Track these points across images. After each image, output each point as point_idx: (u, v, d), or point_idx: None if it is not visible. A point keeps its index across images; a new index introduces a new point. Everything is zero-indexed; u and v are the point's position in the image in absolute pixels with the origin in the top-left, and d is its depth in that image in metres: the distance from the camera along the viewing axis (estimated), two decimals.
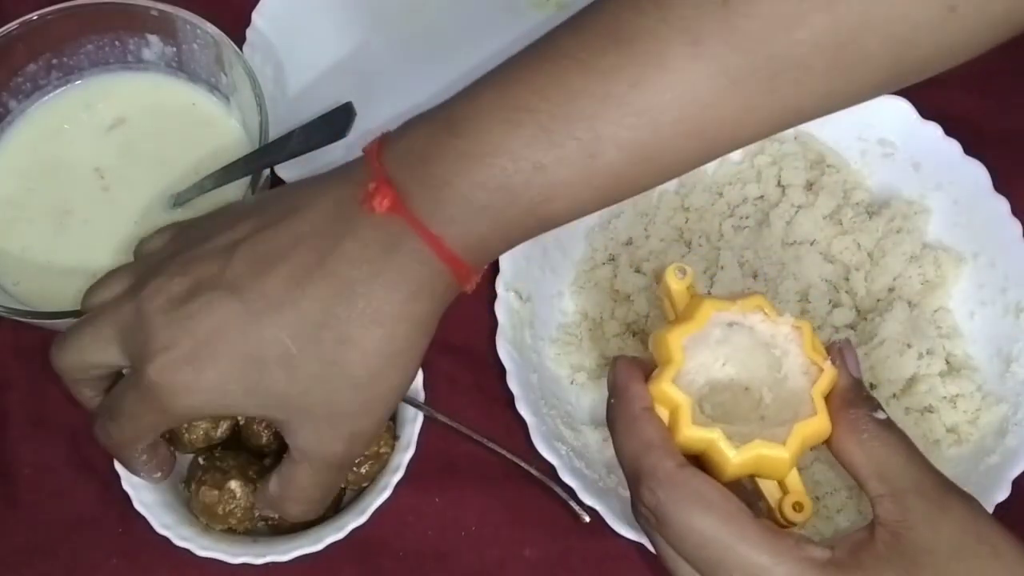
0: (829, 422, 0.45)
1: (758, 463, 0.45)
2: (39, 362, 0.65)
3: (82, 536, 0.60)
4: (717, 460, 0.45)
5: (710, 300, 0.46)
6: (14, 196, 0.65)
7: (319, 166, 0.67)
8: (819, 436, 0.45)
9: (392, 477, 0.56)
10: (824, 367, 0.45)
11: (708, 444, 0.45)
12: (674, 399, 0.45)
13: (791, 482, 0.45)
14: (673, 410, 0.45)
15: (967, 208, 0.62)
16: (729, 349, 0.46)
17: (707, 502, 0.42)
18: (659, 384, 0.45)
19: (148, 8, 0.65)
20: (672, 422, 0.45)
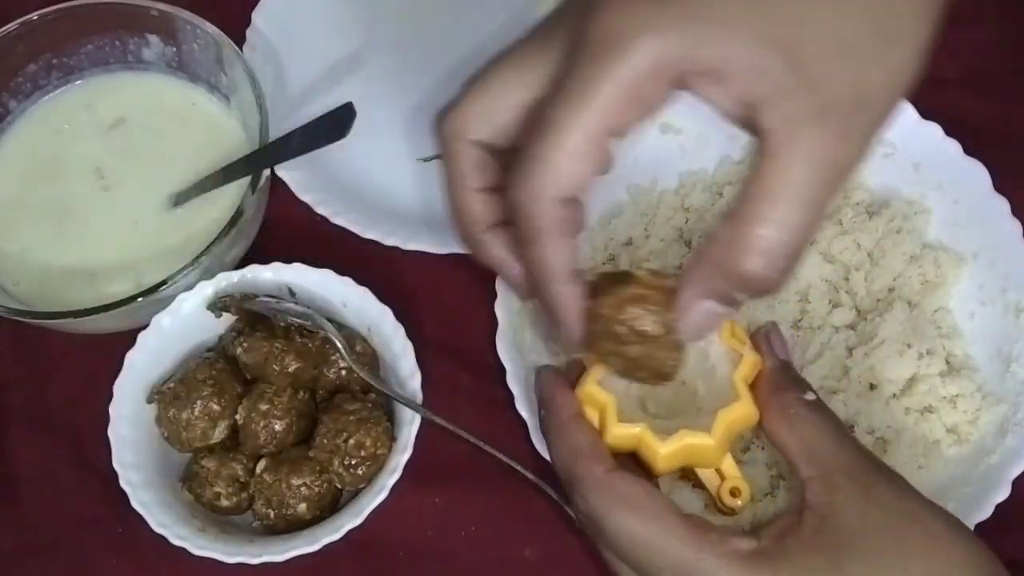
0: (753, 406, 0.46)
1: (689, 453, 0.46)
2: (39, 362, 0.65)
3: (82, 536, 0.60)
4: (648, 455, 0.46)
5: None
6: (14, 196, 0.65)
7: (319, 166, 0.67)
8: (745, 420, 0.46)
9: (389, 478, 0.56)
10: (744, 352, 0.46)
11: (636, 439, 0.46)
12: (599, 399, 0.46)
13: (726, 468, 0.47)
14: (601, 410, 0.47)
15: (967, 208, 0.62)
16: None
17: (634, 504, 0.43)
18: (584, 386, 0.47)
19: (148, 8, 0.65)
20: (601, 422, 0.47)
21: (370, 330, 0.60)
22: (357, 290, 0.60)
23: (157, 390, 0.59)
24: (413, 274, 0.66)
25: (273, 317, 0.59)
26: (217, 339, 0.61)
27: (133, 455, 0.57)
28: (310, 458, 0.57)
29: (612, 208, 0.65)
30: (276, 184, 0.66)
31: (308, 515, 0.57)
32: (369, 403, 0.58)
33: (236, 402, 0.58)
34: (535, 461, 0.57)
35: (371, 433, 0.57)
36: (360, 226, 0.66)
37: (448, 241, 0.65)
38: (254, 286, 0.60)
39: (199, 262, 0.58)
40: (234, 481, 0.58)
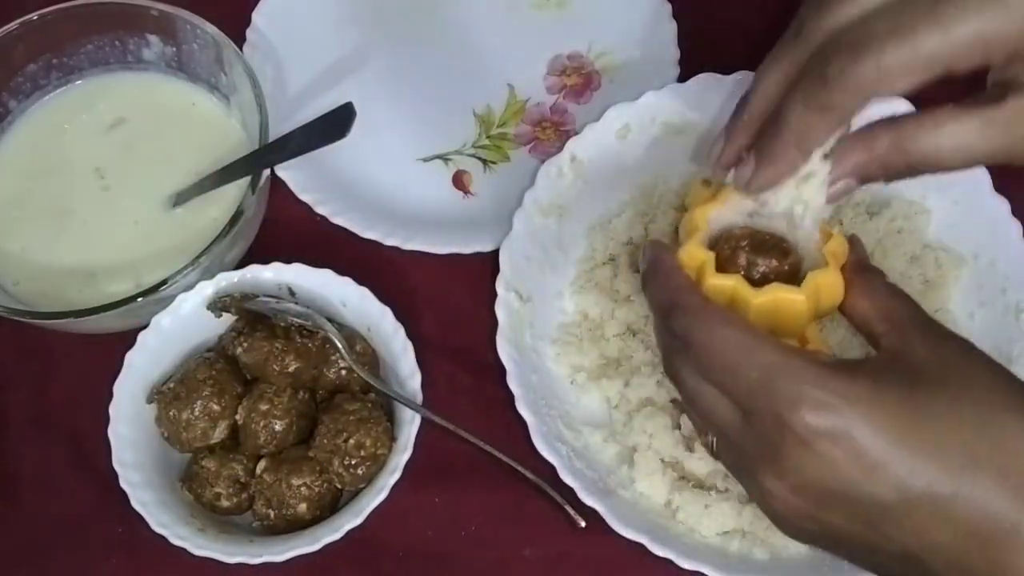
0: (841, 280, 0.49)
1: (777, 309, 0.48)
2: (39, 362, 0.65)
3: (82, 536, 0.60)
4: (740, 308, 0.49)
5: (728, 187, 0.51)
6: (14, 196, 0.65)
7: (319, 166, 0.67)
8: (832, 291, 0.49)
9: (389, 478, 0.56)
10: (833, 233, 0.50)
11: (731, 291, 0.49)
12: (699, 257, 0.49)
13: (811, 334, 0.50)
14: (699, 268, 0.49)
15: (967, 208, 0.62)
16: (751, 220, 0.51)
17: (727, 319, 0.45)
18: (686, 248, 0.50)
19: (148, 8, 0.65)
20: (698, 279, 0.49)
21: (370, 330, 0.60)
22: (357, 290, 0.60)
23: (157, 390, 0.59)
24: (413, 274, 0.66)
25: (273, 317, 0.59)
26: (217, 339, 0.61)
27: (133, 455, 0.57)
28: (310, 458, 0.57)
29: (612, 208, 0.65)
30: (276, 184, 0.66)
31: (308, 515, 0.57)
32: (369, 403, 0.58)
33: (236, 402, 0.58)
34: (535, 461, 0.57)
35: (371, 433, 0.57)
36: (360, 226, 0.66)
37: (448, 241, 0.65)
38: (254, 286, 0.60)
39: (199, 262, 0.58)
40: (234, 481, 0.58)
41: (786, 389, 0.43)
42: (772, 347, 0.44)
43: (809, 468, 0.42)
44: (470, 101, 0.72)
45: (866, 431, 0.41)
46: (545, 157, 0.65)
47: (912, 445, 0.41)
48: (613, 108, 0.65)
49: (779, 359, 0.43)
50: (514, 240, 0.62)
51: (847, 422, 0.42)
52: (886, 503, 0.42)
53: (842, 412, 0.42)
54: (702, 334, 0.45)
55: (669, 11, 0.72)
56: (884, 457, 0.41)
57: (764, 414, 0.43)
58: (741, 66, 0.64)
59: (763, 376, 0.43)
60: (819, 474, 0.42)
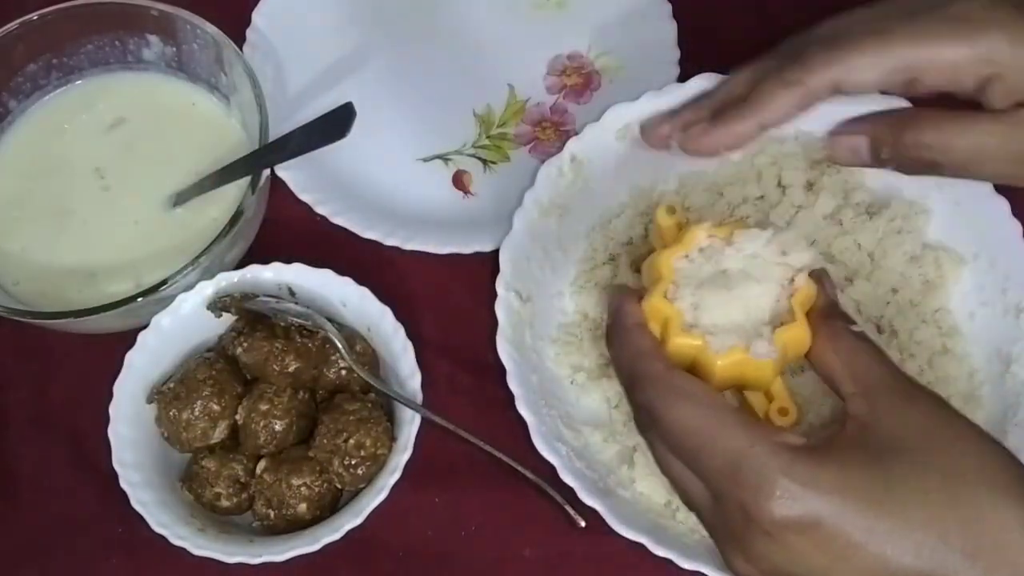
0: (808, 330, 0.48)
1: (743, 369, 0.47)
2: (39, 362, 0.65)
3: (82, 536, 0.61)
4: (705, 367, 0.48)
5: (698, 227, 0.50)
6: (14, 196, 0.65)
7: (319, 166, 0.67)
8: (799, 343, 0.48)
9: (389, 478, 0.56)
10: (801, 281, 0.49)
11: (696, 350, 0.48)
12: (664, 312, 0.49)
13: (776, 390, 0.49)
14: (664, 323, 0.49)
15: (967, 208, 0.62)
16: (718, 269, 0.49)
17: (691, 396, 0.45)
18: (650, 300, 0.49)
19: (148, 8, 0.65)
20: (663, 334, 0.49)
21: (370, 330, 0.60)
22: (357, 290, 0.60)
23: (157, 390, 0.59)
24: (413, 274, 0.66)
25: (273, 317, 0.59)
26: (217, 339, 0.61)
27: (133, 455, 0.57)
28: (310, 458, 0.57)
29: (612, 208, 0.65)
30: (276, 184, 0.66)
31: (308, 515, 0.57)
32: (369, 403, 0.58)
33: (236, 402, 0.58)
34: (535, 461, 0.57)
35: (371, 433, 0.57)
36: (360, 226, 0.66)
37: (448, 241, 0.65)
38: (254, 286, 0.60)
39: (199, 262, 0.58)
40: (234, 481, 0.58)
41: (750, 478, 0.42)
42: (736, 430, 0.43)
43: (776, 556, 0.42)
44: (470, 101, 0.72)
45: (835, 520, 0.41)
46: (545, 157, 0.65)
47: (881, 529, 0.41)
48: (613, 108, 0.65)
49: (743, 444, 0.42)
50: (514, 240, 0.62)
51: (814, 512, 0.41)
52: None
53: (808, 502, 0.41)
54: (665, 413, 0.45)
55: (669, 11, 0.72)
56: (853, 544, 0.41)
57: (730, 501, 0.43)
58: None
59: (727, 463, 0.43)
60: (787, 563, 0.42)
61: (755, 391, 0.50)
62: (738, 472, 0.42)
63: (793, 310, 0.48)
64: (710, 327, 0.49)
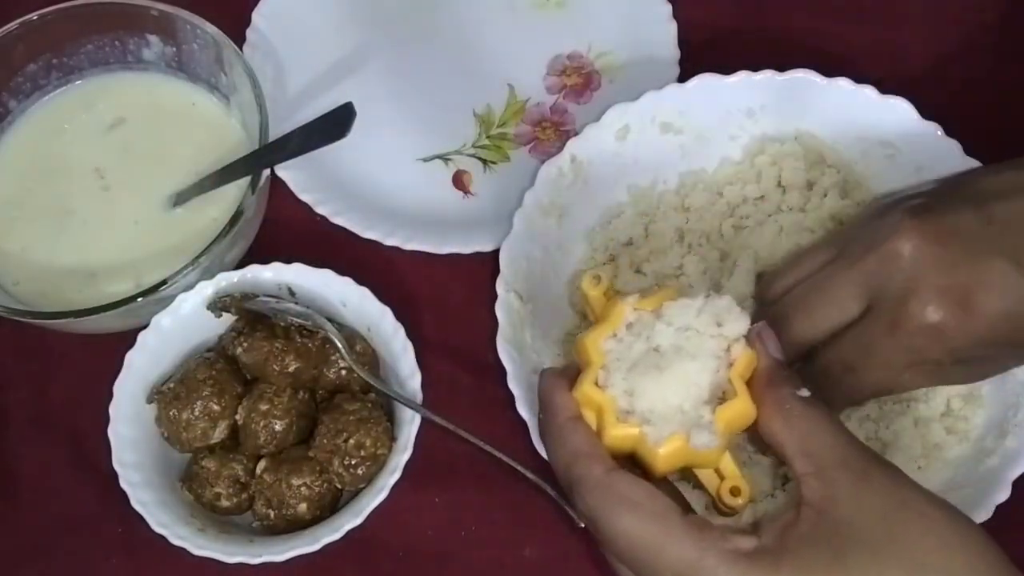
0: (751, 403, 0.46)
1: (688, 453, 0.45)
2: (39, 362, 0.65)
3: (82, 536, 0.61)
4: (647, 456, 0.46)
5: (623, 301, 0.48)
6: (14, 196, 0.65)
7: (319, 166, 0.67)
8: (743, 417, 0.46)
9: (389, 478, 0.56)
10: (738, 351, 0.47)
11: (635, 440, 0.46)
12: (596, 400, 0.46)
13: (725, 468, 0.47)
14: (598, 412, 0.46)
15: None
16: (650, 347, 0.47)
17: (632, 503, 0.42)
18: (581, 388, 0.47)
19: (148, 8, 0.65)
20: (599, 424, 0.46)
21: (370, 330, 0.60)
22: (357, 290, 0.60)
23: (157, 390, 0.59)
24: (413, 274, 0.66)
25: (273, 317, 0.59)
26: (217, 339, 0.61)
27: (133, 455, 0.57)
28: (310, 458, 0.57)
29: (612, 208, 0.65)
30: (276, 184, 0.66)
31: (308, 515, 0.57)
32: (369, 403, 0.58)
33: (236, 402, 0.58)
34: (535, 461, 0.57)
35: (371, 433, 0.57)
36: (360, 226, 0.66)
37: (448, 241, 0.65)
38: (254, 286, 0.60)
39: (199, 262, 0.58)
40: (234, 481, 0.58)
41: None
42: (684, 540, 0.41)
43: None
44: (470, 101, 0.72)
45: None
46: (545, 157, 0.65)
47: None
48: (613, 108, 0.65)
49: (692, 556, 0.41)
50: (514, 240, 0.62)
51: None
52: None
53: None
54: (607, 523, 0.43)
55: (669, 11, 0.72)
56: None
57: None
58: (741, 66, 0.64)
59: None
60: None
61: (704, 469, 0.48)
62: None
63: (733, 384, 0.46)
64: (647, 413, 0.46)
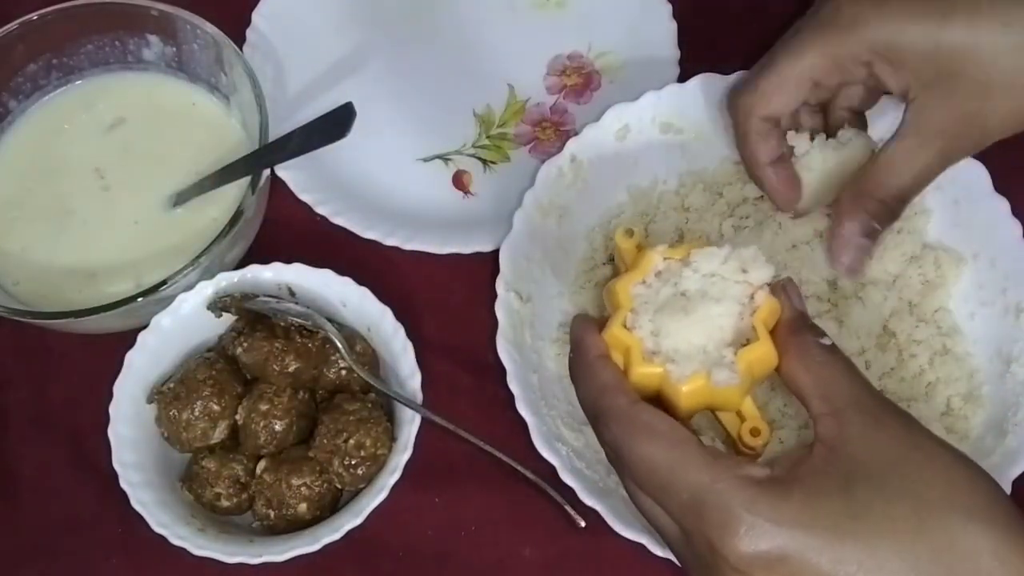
0: (773, 348, 0.47)
1: (711, 393, 0.47)
2: (39, 362, 0.65)
3: (82, 536, 0.61)
4: (670, 395, 0.47)
5: (653, 250, 0.50)
6: (14, 196, 0.65)
7: (319, 166, 0.67)
8: (765, 362, 0.47)
9: (389, 478, 0.56)
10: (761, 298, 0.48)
11: (660, 379, 0.48)
12: (624, 341, 0.48)
13: (746, 410, 0.48)
14: (625, 352, 0.48)
15: (967, 208, 0.62)
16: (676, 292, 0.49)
17: (654, 432, 0.44)
18: (610, 330, 0.48)
19: (148, 8, 0.65)
20: (626, 364, 0.48)
21: (370, 330, 0.60)
22: (357, 290, 0.60)
23: (157, 390, 0.59)
24: (413, 274, 0.66)
25: (273, 317, 0.59)
26: (217, 339, 0.61)
27: (133, 455, 0.57)
28: (310, 458, 0.57)
29: (612, 208, 0.65)
30: (276, 184, 0.66)
31: (308, 515, 0.57)
32: (369, 403, 0.58)
33: (236, 402, 0.58)
34: (535, 461, 0.57)
35: (371, 433, 0.57)
36: (360, 226, 0.66)
37: (448, 241, 0.65)
38: (254, 286, 0.60)
39: (199, 262, 0.58)
40: (234, 481, 0.58)
41: (716, 515, 0.42)
42: (700, 466, 0.43)
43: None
44: (470, 101, 0.72)
45: (801, 553, 0.41)
46: (545, 157, 0.65)
47: (850, 560, 0.40)
48: (613, 108, 0.65)
49: (706, 480, 0.42)
50: (514, 240, 0.62)
51: (780, 547, 0.41)
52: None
53: (774, 537, 0.41)
54: (630, 450, 0.45)
55: (669, 11, 0.72)
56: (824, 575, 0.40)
57: (697, 537, 0.43)
58: (741, 66, 0.64)
59: (692, 500, 0.43)
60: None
61: (726, 412, 0.49)
62: (703, 509, 0.42)
63: (756, 328, 0.48)
64: (672, 353, 0.48)
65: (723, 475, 0.42)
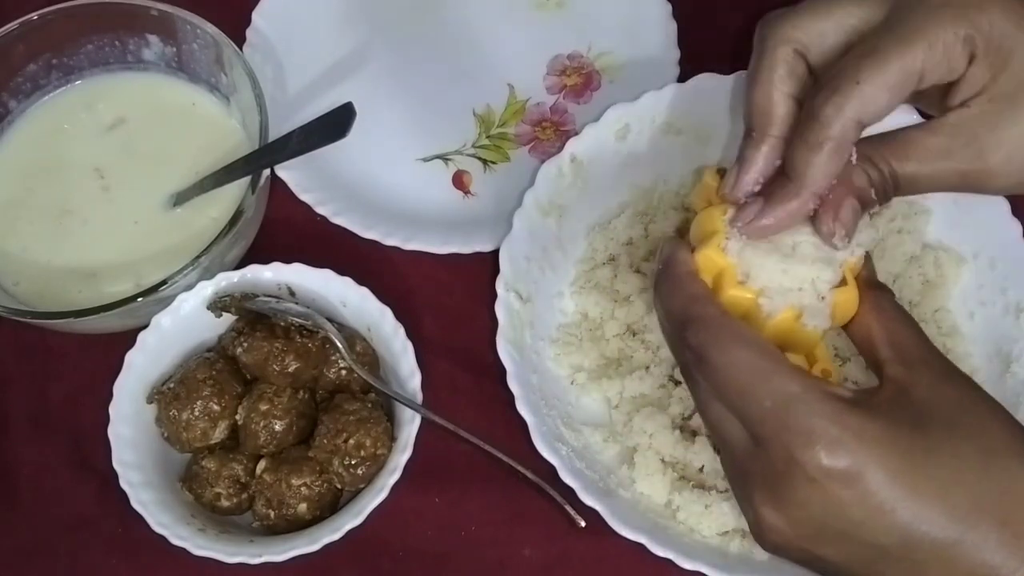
0: (857, 296, 0.48)
1: (793, 328, 0.48)
2: (39, 362, 0.65)
3: (82, 536, 0.60)
4: (755, 321, 0.48)
5: None
6: (14, 196, 0.65)
7: (319, 166, 0.67)
8: (849, 306, 0.48)
9: (389, 478, 0.56)
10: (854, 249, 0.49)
11: (749, 304, 0.48)
12: (719, 263, 0.48)
13: (819, 353, 0.49)
14: (717, 275, 0.48)
15: (967, 208, 0.62)
16: None
17: (745, 339, 0.45)
18: (705, 251, 0.48)
19: (148, 8, 0.65)
20: (716, 286, 0.48)
21: (370, 330, 0.60)
22: (357, 290, 0.60)
23: (157, 390, 0.59)
24: (413, 274, 0.66)
25: (273, 317, 0.59)
26: (217, 339, 0.61)
27: (133, 455, 0.57)
28: (310, 458, 0.57)
29: (612, 208, 0.65)
30: (276, 184, 0.66)
31: (308, 515, 0.57)
32: (369, 403, 0.58)
33: (236, 402, 0.58)
34: (535, 461, 0.57)
35: (371, 433, 0.57)
36: (360, 226, 0.66)
37: (448, 241, 0.65)
38: (254, 286, 0.60)
39: (199, 262, 0.58)
40: (234, 481, 0.58)
41: (801, 423, 0.42)
42: (789, 376, 0.43)
43: (813, 505, 0.42)
44: (470, 101, 0.72)
45: (879, 474, 0.41)
46: (545, 157, 0.65)
47: (920, 490, 0.41)
48: (613, 108, 0.65)
49: (796, 389, 0.43)
50: (514, 240, 0.62)
51: (860, 464, 0.41)
52: (887, 545, 0.42)
53: (856, 454, 0.41)
54: (718, 353, 0.45)
55: (669, 11, 0.72)
56: (893, 501, 0.41)
57: (774, 444, 0.43)
58: (741, 66, 0.64)
59: (777, 406, 0.43)
60: (822, 512, 0.42)
61: (797, 354, 0.49)
62: (788, 415, 0.42)
63: (845, 273, 0.48)
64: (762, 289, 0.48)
65: (812, 387, 0.43)
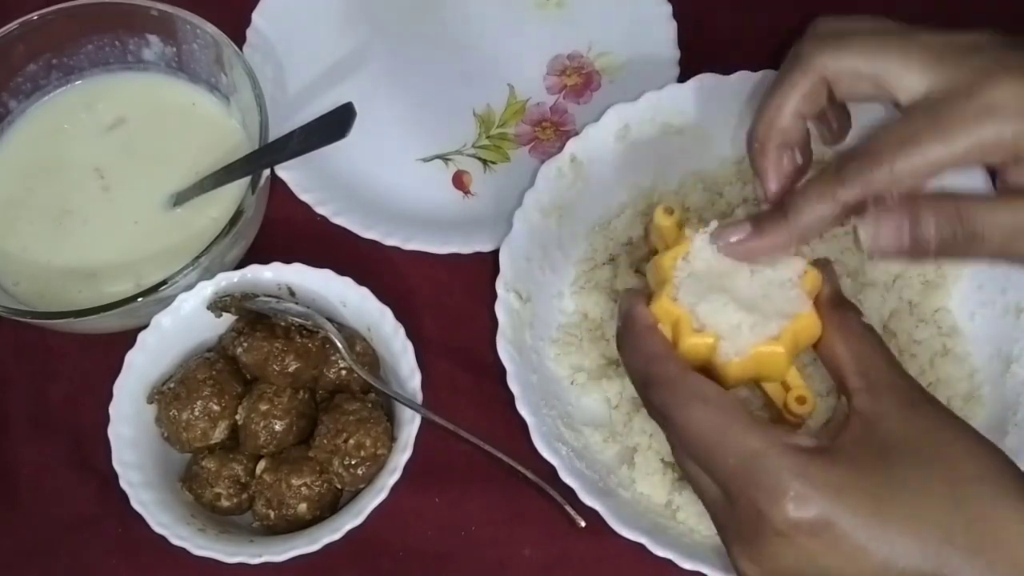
0: (818, 319, 0.48)
1: (758, 363, 0.48)
2: (39, 362, 0.65)
3: (82, 536, 0.60)
4: (719, 364, 0.48)
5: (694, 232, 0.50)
6: (14, 196, 0.65)
7: (319, 166, 0.67)
8: (810, 332, 0.48)
9: (389, 479, 0.56)
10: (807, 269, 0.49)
11: (709, 349, 0.48)
12: (673, 312, 0.48)
13: (791, 379, 0.49)
14: (674, 324, 0.49)
15: None
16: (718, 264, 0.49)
17: (704, 398, 0.45)
18: (659, 302, 0.49)
19: (148, 8, 0.65)
20: (675, 335, 0.49)
21: (370, 330, 0.60)
22: (357, 290, 0.60)
23: (157, 390, 0.59)
24: (413, 274, 0.66)
25: (273, 317, 0.59)
26: (217, 339, 0.61)
27: (133, 455, 0.57)
28: (310, 458, 0.57)
29: (612, 208, 0.65)
30: (276, 184, 0.66)
31: (308, 515, 0.57)
32: (369, 403, 0.58)
33: (236, 402, 0.58)
34: (535, 461, 0.57)
35: (371, 433, 0.57)
36: (360, 226, 0.66)
37: (448, 241, 0.65)
38: (254, 286, 0.60)
39: (199, 262, 0.58)
40: (234, 481, 0.58)
41: (765, 479, 0.42)
42: (750, 431, 0.44)
43: (787, 557, 0.43)
44: (470, 101, 0.72)
45: (847, 520, 0.42)
46: (545, 157, 0.65)
47: (891, 527, 0.41)
48: (613, 108, 0.65)
49: (757, 445, 0.43)
50: (514, 240, 0.62)
51: (827, 513, 0.42)
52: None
53: (821, 503, 0.42)
54: (679, 414, 0.45)
55: (669, 11, 0.72)
56: (865, 542, 0.41)
57: (742, 501, 0.43)
58: (741, 66, 0.64)
59: (741, 465, 0.43)
60: (796, 563, 0.43)
61: (771, 382, 0.50)
62: (752, 473, 0.43)
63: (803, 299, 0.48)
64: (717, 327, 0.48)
65: (773, 442, 0.43)
